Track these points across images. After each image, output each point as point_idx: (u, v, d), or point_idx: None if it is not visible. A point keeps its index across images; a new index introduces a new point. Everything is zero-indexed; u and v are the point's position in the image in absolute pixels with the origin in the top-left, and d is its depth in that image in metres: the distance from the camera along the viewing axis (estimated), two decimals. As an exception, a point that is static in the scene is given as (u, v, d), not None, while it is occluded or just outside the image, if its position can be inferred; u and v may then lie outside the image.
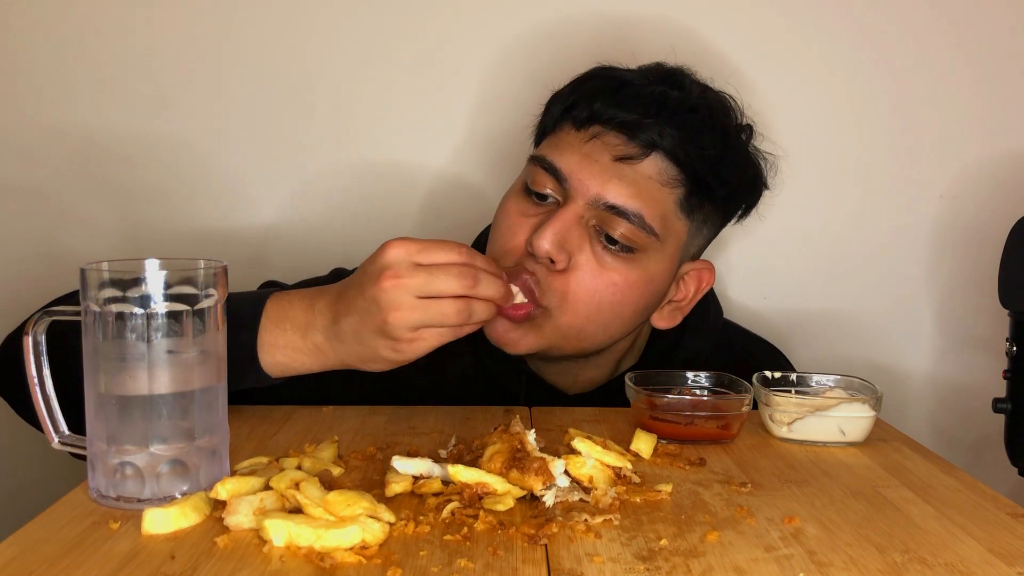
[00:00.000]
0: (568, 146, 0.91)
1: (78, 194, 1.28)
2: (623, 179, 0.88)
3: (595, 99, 0.91)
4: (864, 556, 0.58)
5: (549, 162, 0.91)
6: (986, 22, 1.27)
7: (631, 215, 0.88)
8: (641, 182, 0.89)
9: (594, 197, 0.88)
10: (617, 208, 0.88)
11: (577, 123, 0.92)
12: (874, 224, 1.31)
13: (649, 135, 0.88)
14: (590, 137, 0.90)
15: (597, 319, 0.90)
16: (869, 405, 0.83)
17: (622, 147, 0.89)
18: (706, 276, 0.99)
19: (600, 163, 0.89)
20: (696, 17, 1.26)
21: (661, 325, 0.99)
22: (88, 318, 0.64)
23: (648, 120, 0.88)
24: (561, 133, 0.94)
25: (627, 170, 0.89)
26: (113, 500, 0.64)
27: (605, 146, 0.89)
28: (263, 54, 1.27)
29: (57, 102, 1.27)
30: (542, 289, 0.88)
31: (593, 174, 0.89)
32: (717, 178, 0.92)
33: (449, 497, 0.65)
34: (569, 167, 0.89)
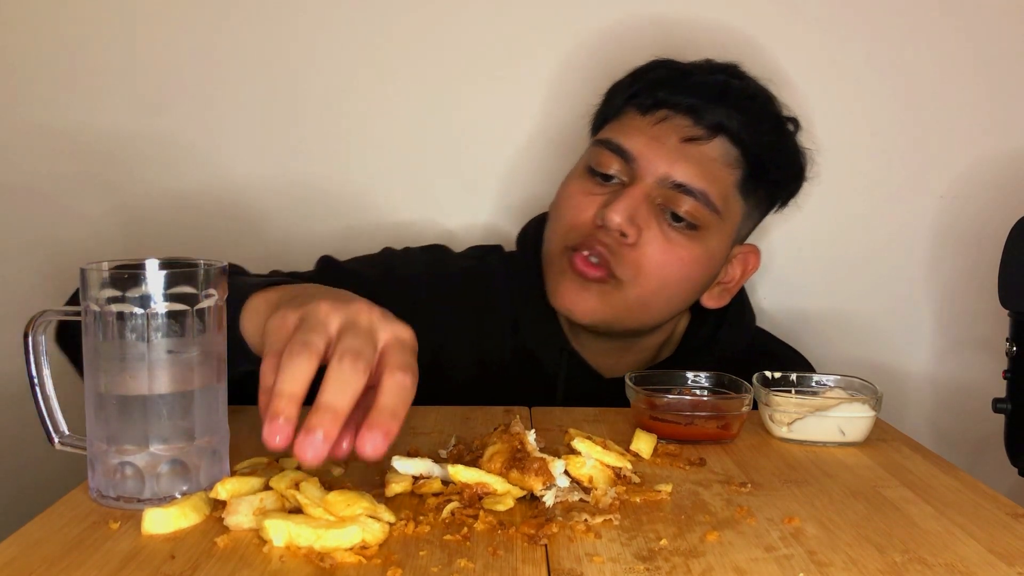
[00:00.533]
0: (635, 129, 0.97)
1: (78, 194, 1.28)
2: (690, 159, 0.95)
3: (661, 86, 0.97)
4: (864, 556, 0.59)
5: (617, 144, 0.97)
6: (987, 22, 1.27)
7: (697, 193, 0.94)
8: (706, 162, 0.95)
9: (662, 176, 0.95)
10: (684, 186, 0.94)
11: (643, 108, 0.98)
12: (874, 224, 1.31)
13: (715, 118, 0.95)
14: (658, 120, 0.96)
15: (663, 293, 0.97)
16: (869, 405, 0.83)
17: (689, 129, 0.96)
18: (752, 260, 1.05)
19: (668, 144, 0.95)
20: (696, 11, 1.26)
21: (711, 304, 1.04)
22: (88, 318, 0.64)
23: (714, 104, 0.95)
24: (625, 118, 1.00)
25: (693, 151, 0.95)
26: (113, 500, 0.64)
27: (673, 128, 0.96)
28: (263, 54, 1.27)
29: (57, 102, 1.27)
30: (616, 260, 0.94)
31: (661, 155, 0.95)
32: (773, 162, 0.99)
33: (449, 497, 0.65)
34: (637, 148, 0.96)
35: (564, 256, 0.98)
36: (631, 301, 0.96)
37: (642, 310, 0.97)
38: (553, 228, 1.01)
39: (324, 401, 0.56)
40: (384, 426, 0.57)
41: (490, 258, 1.11)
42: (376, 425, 0.57)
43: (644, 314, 0.98)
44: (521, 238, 1.11)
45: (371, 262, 1.07)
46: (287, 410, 0.56)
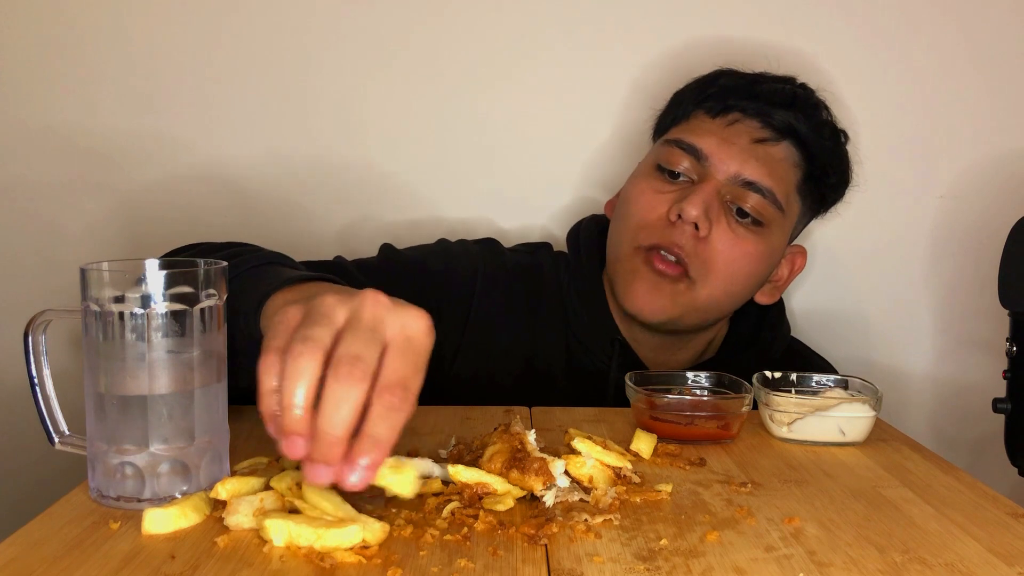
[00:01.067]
0: (706, 130, 1.03)
1: (78, 194, 1.28)
2: (759, 159, 1.00)
3: (731, 92, 1.03)
4: (864, 556, 0.58)
5: (688, 143, 1.02)
6: (987, 22, 1.27)
7: (765, 190, 1.00)
8: (773, 163, 1.01)
9: (734, 174, 1.00)
10: (754, 184, 1.00)
11: (713, 112, 1.04)
12: (874, 224, 1.31)
13: (783, 121, 1.02)
14: (730, 123, 1.02)
15: (730, 288, 1.02)
16: (869, 405, 0.83)
17: (760, 131, 1.02)
18: (799, 260, 1.12)
19: (739, 144, 1.01)
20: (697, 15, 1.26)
21: (763, 301, 1.09)
22: (88, 318, 0.64)
23: (782, 109, 1.02)
24: (695, 121, 1.05)
25: (762, 151, 1.01)
26: (113, 500, 0.64)
27: (744, 129, 1.02)
28: (266, 53, 1.27)
29: (55, 102, 1.27)
30: (690, 259, 0.99)
31: (732, 154, 1.00)
32: (831, 166, 1.06)
33: (449, 497, 0.65)
34: (709, 147, 1.01)
35: (636, 255, 1.02)
36: (701, 300, 1.01)
37: (707, 306, 1.02)
38: (623, 227, 1.04)
39: (321, 429, 0.54)
40: (369, 455, 0.55)
41: (540, 253, 1.14)
42: (360, 454, 0.55)
43: (708, 311, 1.03)
44: (572, 236, 1.14)
45: (431, 252, 1.09)
46: (298, 427, 0.55)
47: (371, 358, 0.56)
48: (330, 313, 0.58)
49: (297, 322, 0.58)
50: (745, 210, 1.00)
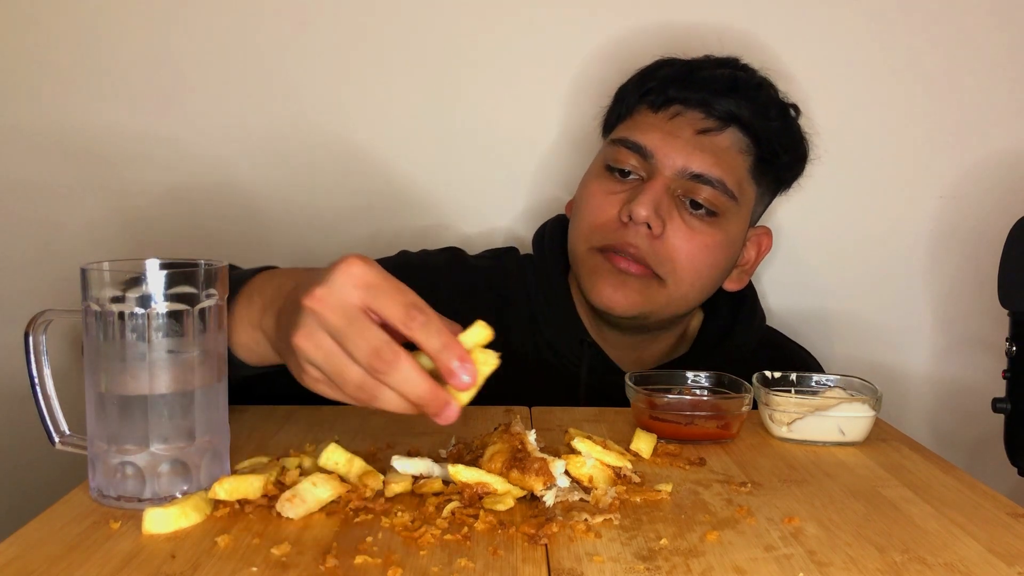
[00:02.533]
0: (649, 126, 1.01)
1: (78, 194, 1.28)
2: (705, 150, 0.99)
3: (671, 83, 1.02)
4: (864, 556, 0.59)
5: (633, 141, 1.01)
6: (987, 22, 1.27)
7: (715, 181, 0.99)
8: (720, 152, 1.00)
9: (680, 168, 0.99)
10: (702, 176, 0.99)
11: (655, 106, 1.02)
12: (874, 224, 1.31)
13: (726, 109, 1.00)
14: (671, 116, 1.01)
15: (697, 282, 1.02)
16: (869, 405, 0.83)
17: (703, 121, 1.00)
18: (765, 241, 1.10)
19: (683, 138, 0.99)
20: (701, 16, 1.26)
21: (731, 288, 1.09)
22: (88, 318, 0.64)
23: (724, 96, 1.00)
24: (638, 117, 1.04)
25: (707, 142, 1.00)
26: (113, 500, 0.64)
27: (687, 122, 1.00)
28: (267, 52, 1.27)
29: (57, 102, 1.27)
30: (652, 259, 0.98)
31: (677, 148, 0.99)
32: (781, 147, 1.04)
33: (449, 497, 0.65)
34: (654, 143, 1.00)
35: (594, 255, 1.01)
36: (673, 296, 1.01)
37: (678, 302, 1.02)
38: (578, 229, 1.04)
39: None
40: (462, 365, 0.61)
41: (506, 259, 1.14)
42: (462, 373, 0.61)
43: (679, 306, 1.03)
44: (538, 238, 1.13)
45: (390, 264, 1.05)
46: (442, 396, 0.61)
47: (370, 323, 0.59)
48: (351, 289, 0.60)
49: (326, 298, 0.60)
50: (698, 202, 0.99)
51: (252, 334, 0.73)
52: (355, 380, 0.60)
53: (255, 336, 0.73)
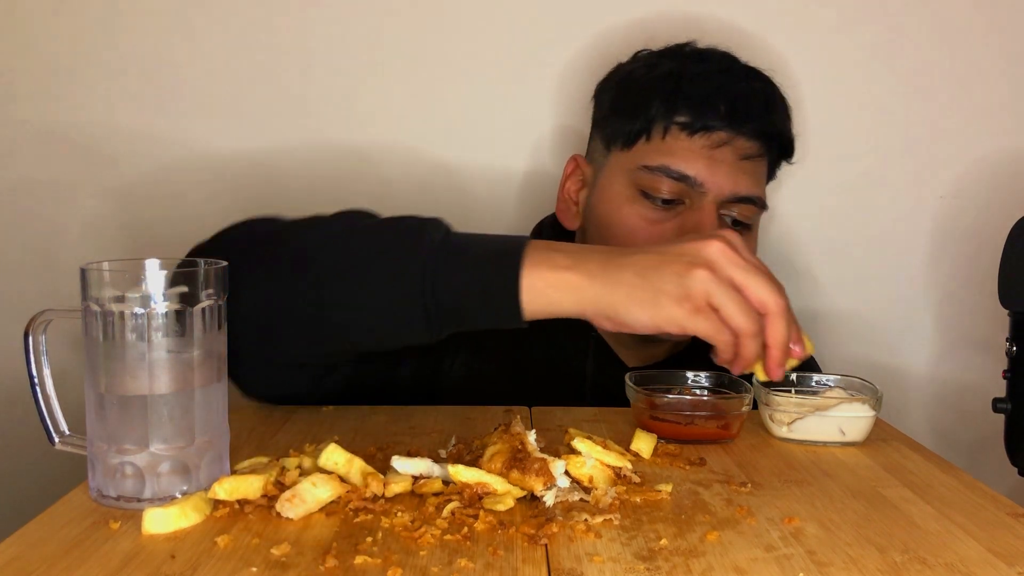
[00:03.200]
0: (690, 153, 1.00)
1: (78, 194, 1.28)
2: (747, 173, 1.02)
3: (706, 108, 1.00)
4: (864, 556, 0.58)
5: (677, 171, 1.00)
6: (987, 22, 1.27)
7: (756, 200, 1.03)
8: (756, 170, 1.04)
9: (728, 194, 1.01)
10: (748, 197, 1.02)
11: (691, 130, 1.01)
12: (874, 224, 1.31)
13: (763, 134, 1.02)
14: (716, 144, 1.00)
15: None
16: (869, 405, 0.83)
17: (747, 148, 1.02)
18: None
19: (728, 163, 1.01)
20: (701, 7, 1.26)
21: None
22: (88, 318, 0.64)
23: (761, 120, 1.02)
24: (672, 140, 1.02)
25: (748, 165, 1.02)
26: (113, 500, 0.64)
27: (731, 149, 1.01)
28: (265, 53, 1.27)
29: (57, 102, 1.27)
30: None
31: (723, 174, 1.00)
32: (790, 150, 1.08)
33: (449, 497, 0.65)
34: (702, 175, 1.00)
35: None
36: None
37: None
38: None
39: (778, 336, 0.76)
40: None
41: None
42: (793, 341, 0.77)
43: None
44: (535, 236, 1.11)
45: None
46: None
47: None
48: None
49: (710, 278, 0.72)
50: (737, 219, 1.02)
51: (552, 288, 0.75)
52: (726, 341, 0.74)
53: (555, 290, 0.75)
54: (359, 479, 0.66)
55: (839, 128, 1.29)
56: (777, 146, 1.06)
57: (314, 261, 0.79)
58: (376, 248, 0.77)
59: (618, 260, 0.75)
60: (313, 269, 0.78)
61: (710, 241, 0.74)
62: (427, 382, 1.03)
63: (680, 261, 0.73)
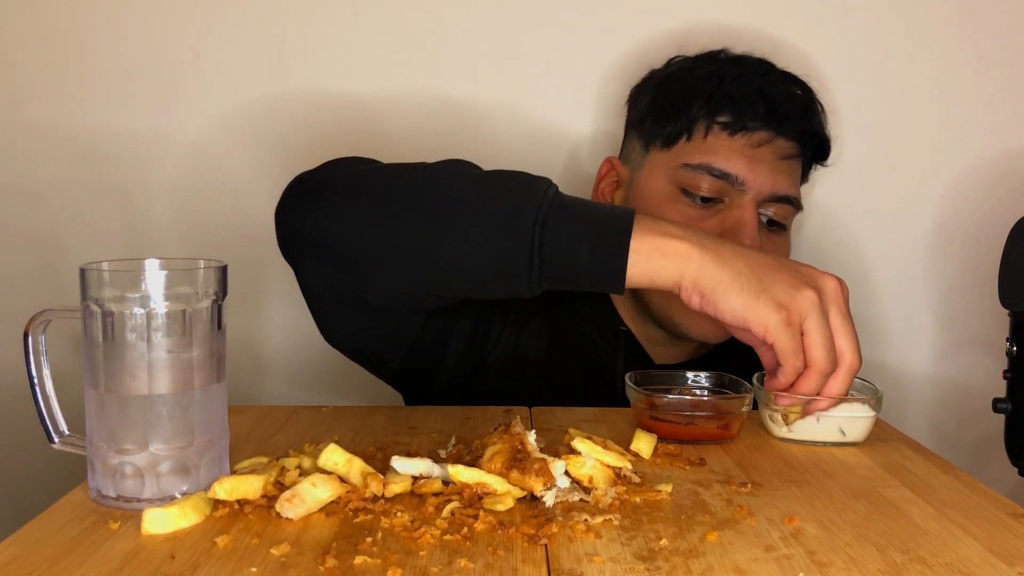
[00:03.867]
0: (731, 152, 1.02)
1: (78, 194, 1.28)
2: (785, 172, 1.03)
3: (746, 108, 1.02)
4: (864, 556, 0.58)
5: (719, 169, 1.01)
6: (986, 21, 1.27)
7: (793, 200, 1.04)
8: (794, 171, 1.06)
9: (767, 193, 1.02)
10: (786, 197, 1.03)
11: (732, 130, 1.02)
12: (874, 224, 1.31)
13: (802, 134, 1.04)
14: (757, 144, 1.02)
15: None
16: (869, 405, 0.83)
17: (786, 148, 1.03)
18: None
19: (768, 163, 1.02)
20: (701, 10, 1.26)
21: None
22: (88, 318, 0.64)
23: (799, 121, 1.04)
24: (713, 140, 1.03)
25: (786, 165, 1.04)
26: (113, 500, 0.64)
27: (771, 149, 1.03)
28: (267, 52, 1.27)
29: (57, 102, 1.27)
30: None
31: (763, 174, 1.01)
32: (826, 152, 1.10)
33: (449, 497, 0.65)
34: (743, 172, 1.01)
35: None
36: None
37: None
38: None
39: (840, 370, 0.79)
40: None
41: None
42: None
43: None
44: None
45: None
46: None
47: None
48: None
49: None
50: (773, 219, 1.04)
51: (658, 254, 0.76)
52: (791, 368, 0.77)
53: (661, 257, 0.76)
54: (359, 479, 0.66)
55: (839, 128, 1.29)
56: (813, 147, 1.07)
57: (425, 198, 0.79)
58: (491, 192, 0.78)
59: (733, 246, 0.78)
60: (424, 205, 0.79)
61: (829, 277, 0.78)
62: (469, 370, 1.06)
63: (795, 276, 0.77)
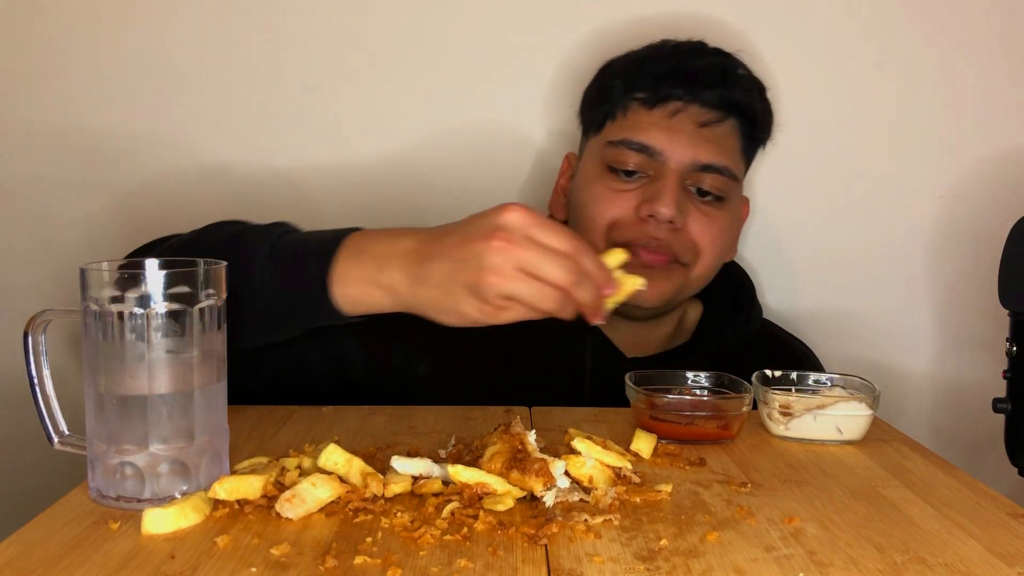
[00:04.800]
0: (649, 125, 1.03)
1: (78, 193, 1.28)
2: (709, 141, 1.03)
3: (663, 80, 1.04)
4: (864, 556, 0.58)
5: (637, 142, 1.03)
6: (986, 21, 1.27)
7: (721, 168, 1.03)
8: (721, 139, 1.04)
9: (689, 162, 1.02)
10: (711, 166, 1.03)
11: (650, 103, 1.04)
12: (874, 224, 1.31)
13: (722, 99, 1.04)
14: (671, 113, 1.03)
15: (718, 262, 1.08)
16: (867, 404, 0.83)
17: (704, 115, 1.03)
18: (745, 208, 1.15)
19: (686, 132, 1.02)
20: (694, 6, 1.26)
21: (728, 258, 1.13)
22: (88, 318, 0.64)
23: (719, 87, 1.03)
24: (633, 116, 1.05)
25: (709, 133, 1.03)
26: (113, 500, 0.64)
27: (687, 117, 1.03)
28: (263, 51, 1.27)
29: (57, 102, 1.27)
30: (676, 247, 1.02)
31: (683, 143, 1.02)
32: (764, 125, 1.10)
33: (449, 497, 0.65)
34: (660, 143, 1.02)
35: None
36: (694, 278, 1.06)
37: (700, 282, 1.08)
38: (592, 229, 1.05)
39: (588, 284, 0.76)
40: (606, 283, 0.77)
41: None
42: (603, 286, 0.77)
43: (699, 285, 1.08)
44: None
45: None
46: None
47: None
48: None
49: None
50: (706, 190, 1.03)
51: (365, 288, 0.80)
52: (552, 298, 0.74)
53: (368, 290, 0.80)
54: (359, 479, 0.66)
55: (839, 128, 1.29)
56: (741, 118, 1.06)
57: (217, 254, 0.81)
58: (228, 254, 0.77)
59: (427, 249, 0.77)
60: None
61: (505, 212, 0.74)
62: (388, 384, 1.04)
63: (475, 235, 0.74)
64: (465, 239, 0.75)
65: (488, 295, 0.74)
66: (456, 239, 0.76)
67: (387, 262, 0.78)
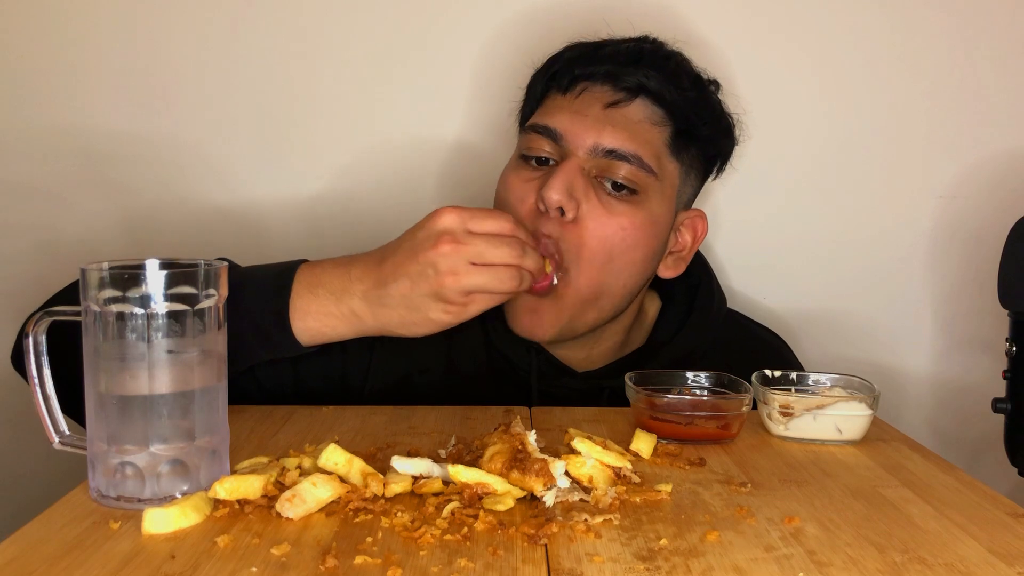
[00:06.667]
0: (557, 108, 0.98)
1: (78, 193, 1.28)
2: (616, 124, 0.95)
3: (575, 62, 0.99)
4: (864, 556, 0.59)
5: (543, 126, 0.97)
6: (985, 20, 1.27)
7: (630, 156, 0.94)
8: (632, 125, 0.95)
9: (592, 146, 0.94)
10: (616, 151, 0.94)
11: (562, 88, 0.99)
12: (874, 224, 1.31)
13: (633, 79, 0.96)
14: (578, 94, 0.97)
15: (611, 268, 0.95)
16: (866, 404, 0.83)
17: (610, 95, 0.96)
18: (700, 224, 1.05)
19: (591, 114, 0.95)
20: (691, 6, 1.26)
21: (667, 275, 1.04)
22: (88, 318, 0.64)
23: (630, 67, 0.96)
24: (548, 102, 1.01)
25: (618, 116, 0.95)
26: (113, 500, 0.64)
27: (594, 98, 0.97)
28: (263, 49, 1.27)
29: (57, 101, 1.27)
30: (561, 247, 0.93)
31: (587, 126, 0.95)
32: (699, 118, 0.99)
33: (449, 497, 0.65)
34: (563, 125, 0.96)
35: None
36: (583, 290, 0.94)
37: (597, 295, 0.95)
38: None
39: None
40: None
41: None
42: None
43: (599, 299, 0.96)
44: None
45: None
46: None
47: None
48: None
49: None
50: (619, 182, 0.94)
51: (326, 320, 0.83)
52: (510, 275, 0.79)
53: (329, 322, 0.83)
54: (359, 479, 0.66)
55: (839, 128, 1.29)
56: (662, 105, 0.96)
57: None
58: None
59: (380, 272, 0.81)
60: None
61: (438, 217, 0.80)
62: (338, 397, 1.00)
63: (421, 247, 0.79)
64: (413, 253, 0.79)
65: (451, 296, 0.79)
66: (403, 255, 0.80)
67: (345, 292, 0.82)
